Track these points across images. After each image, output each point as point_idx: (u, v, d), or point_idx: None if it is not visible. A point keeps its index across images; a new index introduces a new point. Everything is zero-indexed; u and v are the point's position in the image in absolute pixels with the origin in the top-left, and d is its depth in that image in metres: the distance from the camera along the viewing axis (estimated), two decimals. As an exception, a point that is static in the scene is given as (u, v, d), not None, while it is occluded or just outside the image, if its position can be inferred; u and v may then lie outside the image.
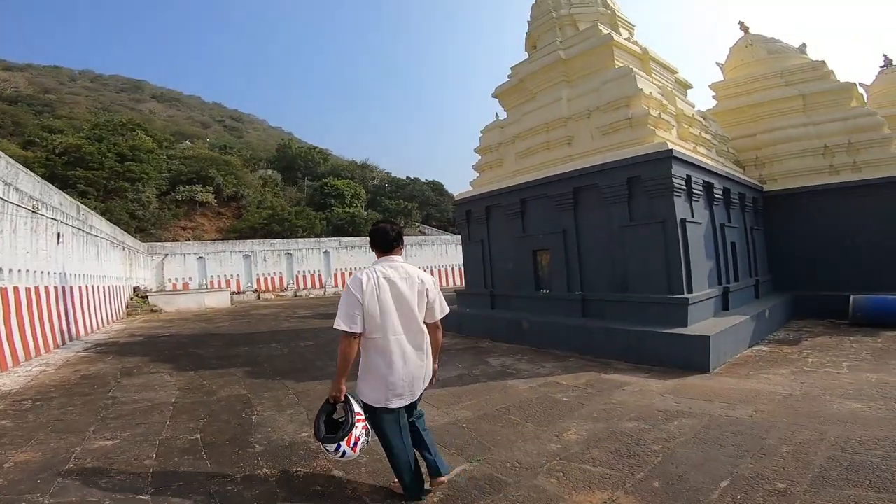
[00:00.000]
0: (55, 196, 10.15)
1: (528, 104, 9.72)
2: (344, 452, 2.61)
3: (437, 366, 2.95)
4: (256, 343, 9.35)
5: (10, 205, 7.44)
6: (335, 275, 25.98)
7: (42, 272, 8.78)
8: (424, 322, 2.80)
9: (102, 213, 27.87)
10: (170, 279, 22.56)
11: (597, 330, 6.83)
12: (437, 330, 2.89)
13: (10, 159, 7.89)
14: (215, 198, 32.72)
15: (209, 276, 23.32)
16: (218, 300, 18.35)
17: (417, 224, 40.85)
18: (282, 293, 24.16)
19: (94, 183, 28.97)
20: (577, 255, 7.78)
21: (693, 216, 7.08)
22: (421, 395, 2.87)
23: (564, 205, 7.92)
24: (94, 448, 3.91)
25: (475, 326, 9.37)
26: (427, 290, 2.78)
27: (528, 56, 10.35)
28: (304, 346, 8.74)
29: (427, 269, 28.69)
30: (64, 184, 28.84)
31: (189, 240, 27.04)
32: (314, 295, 24.47)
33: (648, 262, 6.74)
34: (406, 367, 2.69)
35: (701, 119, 9.66)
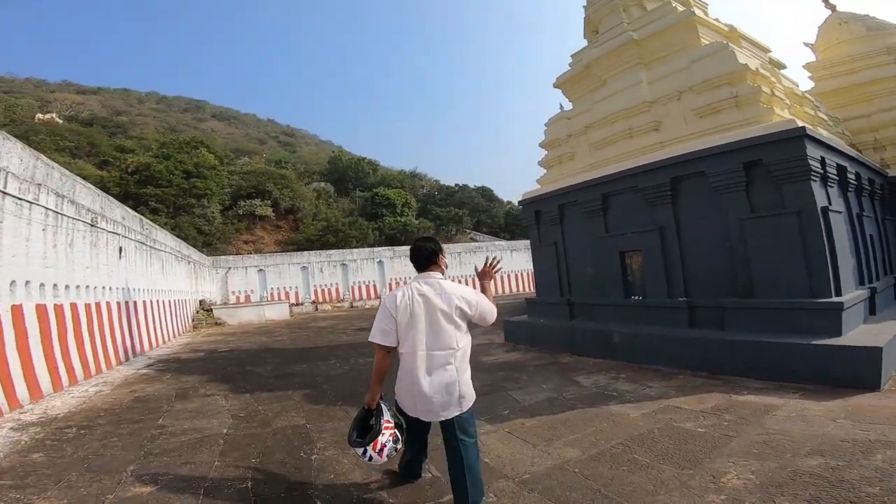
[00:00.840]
0: (117, 210, 10.04)
1: (599, 91, 8.59)
2: (371, 457, 2.71)
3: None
4: (314, 360, 8.70)
5: (65, 218, 7.18)
6: (389, 284, 25.49)
7: (103, 287, 8.56)
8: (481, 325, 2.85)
9: (172, 230, 28.94)
10: (233, 292, 22.86)
11: (714, 342, 5.56)
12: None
13: (66, 171, 7.68)
14: (273, 211, 33.38)
15: (269, 288, 23.45)
16: (278, 312, 18.20)
17: (468, 231, 39.98)
18: (338, 304, 23.93)
19: (164, 200, 30.19)
20: (678, 256, 6.52)
21: (831, 204, 5.68)
22: (469, 419, 2.72)
23: (660, 198, 6.69)
24: (127, 497, 3.20)
25: (552, 339, 8.27)
26: (467, 306, 2.73)
27: (588, 42, 9.25)
28: (364, 364, 7.96)
29: (482, 277, 27.63)
30: (137, 202, 30.20)
31: (250, 253, 27.48)
32: (370, 305, 24.06)
33: (781, 260, 5.41)
34: (433, 383, 2.64)
35: (812, 98, 8.16)
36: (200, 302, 17.65)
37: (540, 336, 8.61)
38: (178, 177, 30.77)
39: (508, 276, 28.36)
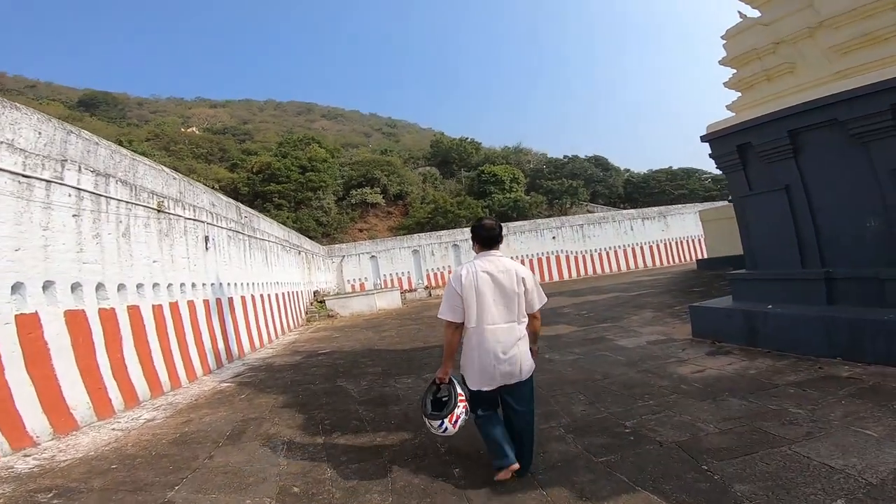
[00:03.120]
0: (203, 196, 8.55)
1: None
2: (446, 429, 2.66)
3: (536, 347, 2.94)
4: (424, 368, 6.24)
5: (113, 202, 5.50)
6: (504, 264, 22.74)
7: (181, 284, 6.99)
8: (528, 312, 2.78)
9: (294, 223, 29.55)
10: (348, 280, 21.96)
11: None
12: (536, 319, 2.88)
13: (123, 149, 6.07)
14: (383, 198, 32.72)
15: (382, 274, 22.15)
16: (389, 301, 16.49)
17: (585, 203, 35.54)
18: (451, 287, 21.82)
19: (286, 196, 30.88)
20: None
21: None
22: (529, 385, 2.80)
23: None
24: None
25: (796, 335, 4.85)
26: (525, 281, 2.75)
27: None
28: None
29: (608, 251, 23.60)
30: (264, 199, 31.48)
31: (364, 240, 26.65)
32: (485, 288, 21.60)
33: None
34: (502, 354, 2.65)
35: None
36: (315, 293, 16.61)
37: (769, 330, 5.20)
38: (294, 172, 31.22)
39: (642, 248, 23.87)
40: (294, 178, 31.04)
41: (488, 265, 2.74)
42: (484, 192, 32.38)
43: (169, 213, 6.87)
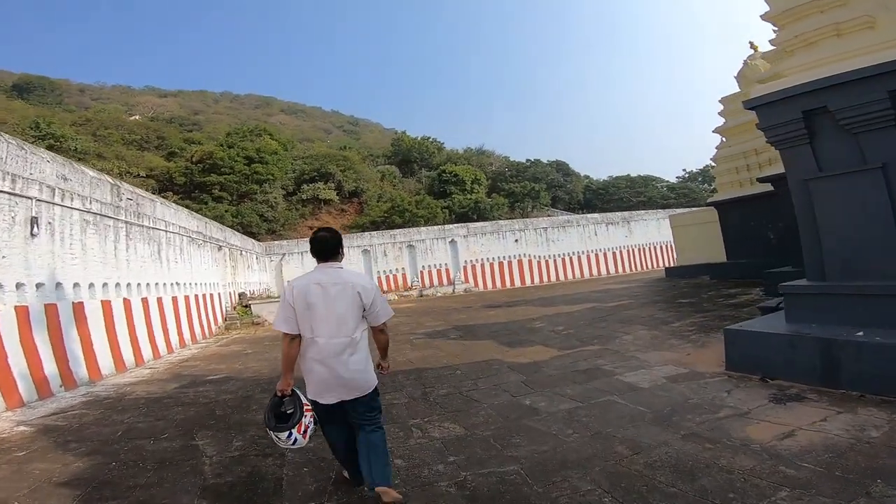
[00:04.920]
0: (45, 166, 5.86)
1: None
2: (296, 440, 2.54)
3: (387, 364, 2.82)
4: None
5: None
6: (465, 268, 20.54)
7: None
8: (371, 326, 2.64)
9: (234, 217, 26.40)
10: (288, 281, 19.09)
11: None
12: (382, 333, 2.72)
13: None
14: (337, 195, 30.03)
15: (327, 275, 19.47)
16: (330, 305, 13.89)
17: (546, 207, 34.12)
18: (405, 293, 19.42)
19: (228, 188, 27.61)
20: None
21: None
22: (372, 400, 2.59)
23: None
24: None
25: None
26: (361, 295, 2.55)
27: None
28: (448, 436, 3.13)
29: (573, 256, 21.96)
30: (202, 190, 28.00)
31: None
32: (441, 293, 19.33)
33: None
34: (336, 367, 2.49)
35: None
36: (240, 296, 13.78)
37: (864, 367, 3.31)
38: (240, 163, 27.99)
39: (605, 254, 22.41)
40: (238, 169, 27.80)
41: (322, 277, 2.56)
42: (444, 193, 30.39)
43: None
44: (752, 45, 12.12)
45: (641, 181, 38.48)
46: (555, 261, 21.51)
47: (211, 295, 11.32)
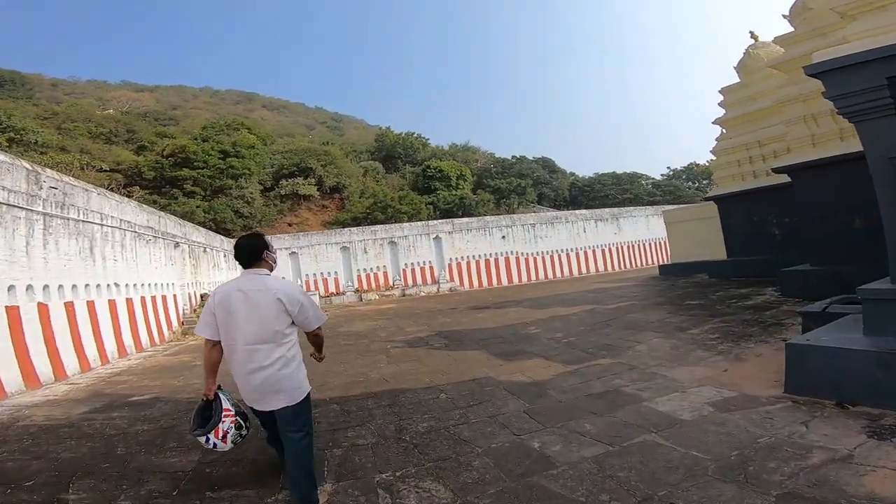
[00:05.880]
0: None
1: None
2: (215, 444, 2.54)
3: (321, 356, 2.82)
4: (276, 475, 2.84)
5: None
6: (450, 266, 19.41)
7: None
8: (305, 332, 2.59)
9: (206, 213, 24.80)
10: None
11: None
12: (315, 337, 2.67)
13: None
14: (318, 190, 28.59)
15: (304, 274, 18.16)
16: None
17: (532, 203, 33.23)
18: (387, 292, 18.21)
19: (201, 183, 25.99)
20: None
21: None
22: (300, 412, 2.46)
23: None
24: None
25: None
26: (285, 302, 2.41)
27: None
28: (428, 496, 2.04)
29: (561, 253, 21.02)
30: (173, 185, 26.29)
31: (285, 234, 22.46)
32: (425, 293, 18.17)
33: None
34: (255, 374, 2.40)
35: None
36: (202, 297, 12.42)
37: None
38: (214, 157, 26.39)
39: (594, 251, 21.54)
40: (213, 163, 26.20)
41: (245, 283, 2.49)
42: (429, 189, 29.29)
43: None
44: (752, 35, 11.33)
45: (627, 178, 37.89)
46: (543, 258, 20.54)
47: (163, 297, 9.97)
